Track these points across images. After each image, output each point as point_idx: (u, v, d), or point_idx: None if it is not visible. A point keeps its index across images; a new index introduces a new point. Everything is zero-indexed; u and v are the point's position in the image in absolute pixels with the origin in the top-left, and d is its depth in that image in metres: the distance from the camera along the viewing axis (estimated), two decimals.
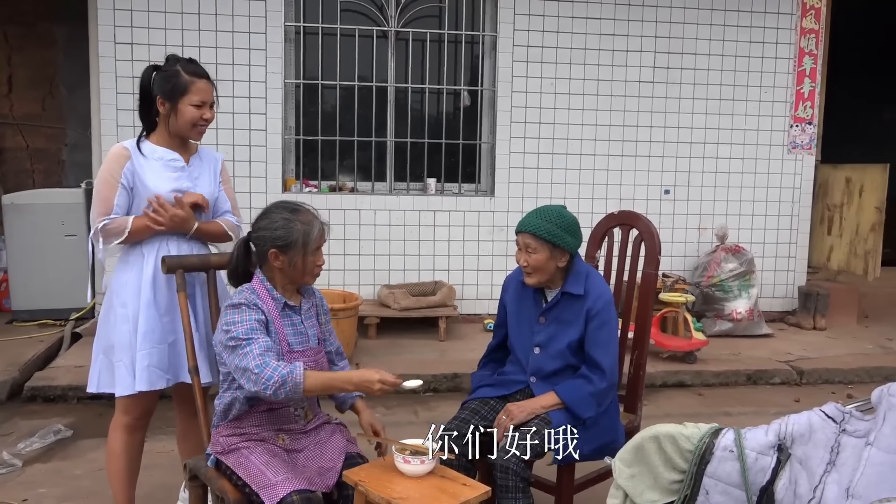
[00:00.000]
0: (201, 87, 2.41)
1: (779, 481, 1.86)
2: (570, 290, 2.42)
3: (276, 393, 1.98)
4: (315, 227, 2.14)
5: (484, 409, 2.51)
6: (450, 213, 5.61)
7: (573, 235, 2.41)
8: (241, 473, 2.06)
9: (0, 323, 5.35)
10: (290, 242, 2.11)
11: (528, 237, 2.39)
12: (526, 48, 5.57)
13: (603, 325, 2.40)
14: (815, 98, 6.00)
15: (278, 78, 5.28)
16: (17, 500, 2.99)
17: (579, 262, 2.47)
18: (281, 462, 2.08)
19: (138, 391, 2.41)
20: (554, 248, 2.38)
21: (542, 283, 2.46)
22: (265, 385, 1.98)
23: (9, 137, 6.31)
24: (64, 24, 6.22)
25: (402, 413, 4.17)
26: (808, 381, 4.91)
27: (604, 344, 2.39)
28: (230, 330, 2.06)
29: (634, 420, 2.71)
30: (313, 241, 2.13)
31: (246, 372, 2.01)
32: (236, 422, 2.18)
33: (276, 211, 2.16)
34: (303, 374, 2.00)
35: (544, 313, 2.49)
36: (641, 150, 5.83)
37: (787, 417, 1.91)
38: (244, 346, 2.03)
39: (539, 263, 2.39)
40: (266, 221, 2.15)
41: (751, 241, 6.01)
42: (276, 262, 2.14)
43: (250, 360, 2.00)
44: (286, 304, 2.20)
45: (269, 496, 1.94)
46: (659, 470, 1.96)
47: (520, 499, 2.19)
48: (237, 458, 2.11)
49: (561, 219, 2.40)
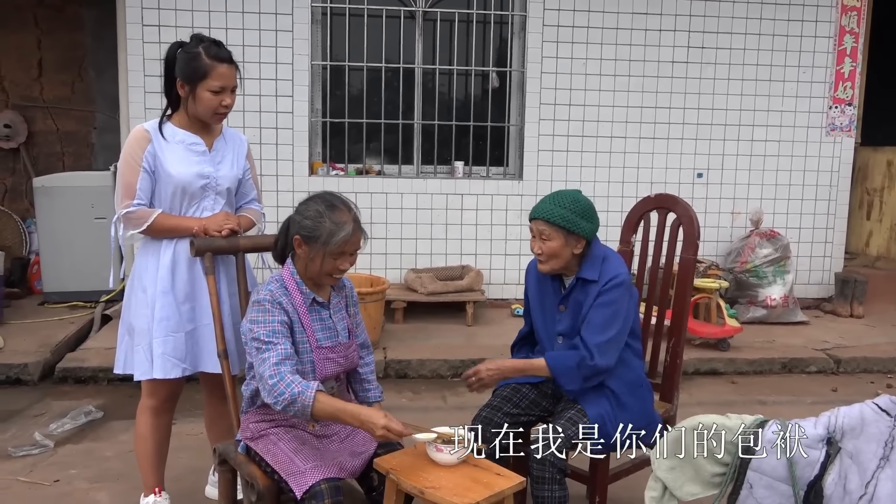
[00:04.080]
0: (222, 72, 2.34)
1: (828, 476, 1.78)
2: (584, 275, 2.33)
3: (286, 409, 1.95)
4: (343, 231, 2.03)
5: (516, 398, 2.46)
6: (477, 196, 5.53)
7: (589, 220, 2.31)
8: (270, 460, 2.04)
9: (32, 305, 5.41)
10: (315, 236, 2.05)
11: (542, 224, 2.30)
12: (556, 28, 5.45)
13: (602, 306, 2.27)
14: (856, 78, 5.80)
15: (305, 60, 5.23)
16: (49, 481, 3.01)
17: (597, 247, 2.37)
18: (310, 449, 2.05)
19: (154, 378, 2.40)
20: (569, 235, 2.28)
21: (558, 271, 2.38)
22: (276, 399, 1.94)
23: (39, 121, 6.35)
24: (92, 6, 6.22)
25: (431, 398, 4.13)
26: (846, 370, 4.78)
27: (597, 325, 2.26)
28: (253, 329, 2.02)
29: (671, 409, 2.64)
30: (335, 244, 2.03)
31: (262, 379, 1.98)
32: (265, 408, 2.15)
33: (315, 201, 2.10)
34: (312, 399, 1.92)
35: (563, 301, 2.41)
36: (674, 132, 5.69)
37: (838, 410, 1.83)
38: (264, 350, 1.99)
39: (553, 251, 2.30)
40: (303, 207, 2.11)
41: (786, 225, 5.85)
42: (299, 249, 2.09)
43: (267, 368, 1.96)
44: (314, 300, 2.15)
45: (298, 484, 1.92)
46: (700, 462, 1.90)
47: (556, 490, 2.14)
48: (266, 444, 2.09)
49: (575, 203, 2.30)
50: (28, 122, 6.29)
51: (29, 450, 3.28)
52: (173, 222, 2.40)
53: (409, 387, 4.26)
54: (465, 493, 1.85)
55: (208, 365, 2.44)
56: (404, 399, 4.05)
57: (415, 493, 1.91)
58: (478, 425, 2.33)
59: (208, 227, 2.37)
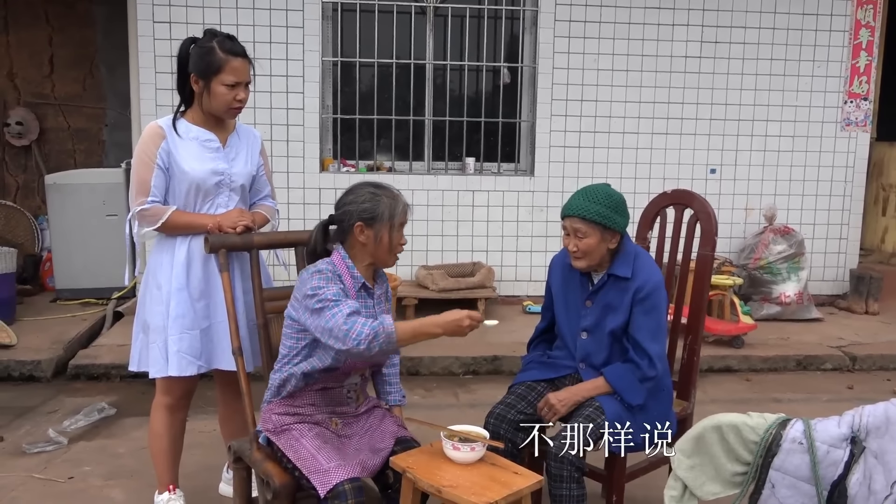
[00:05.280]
0: (236, 67, 2.33)
1: (852, 476, 1.75)
2: (617, 272, 2.32)
3: (370, 347, 1.93)
4: (400, 202, 2.13)
5: (531, 395, 2.43)
6: (489, 193, 5.50)
7: (622, 215, 2.31)
8: (292, 456, 2.02)
9: (44, 301, 5.43)
10: (377, 215, 2.07)
11: (577, 221, 2.28)
12: (568, 23, 5.41)
13: (651, 310, 2.30)
14: (872, 73, 5.73)
15: (315, 56, 5.21)
16: (63, 478, 3.01)
17: (628, 243, 2.37)
18: (333, 448, 2.03)
19: (169, 375, 2.39)
20: (605, 231, 2.28)
21: (592, 267, 2.37)
22: (357, 340, 1.92)
23: (50, 118, 6.37)
24: (103, 3, 6.23)
25: (443, 395, 4.11)
26: (861, 368, 4.73)
27: (651, 330, 2.29)
28: (316, 293, 2.00)
29: (688, 408, 2.61)
30: (399, 214, 2.11)
31: (333, 332, 1.96)
32: (290, 399, 2.13)
33: (362, 187, 2.14)
34: (393, 325, 1.95)
35: (590, 296, 2.39)
36: (687, 127, 5.64)
37: (861, 408, 1.80)
38: (331, 307, 1.98)
39: (590, 247, 2.29)
40: (352, 196, 2.12)
41: (800, 222, 5.79)
42: (362, 236, 2.09)
43: (339, 320, 1.95)
44: (364, 286, 2.15)
45: (322, 483, 1.91)
46: (721, 461, 1.87)
47: (574, 489, 2.12)
48: (288, 439, 2.07)
49: (609, 199, 2.29)
50: (40, 120, 6.31)
51: (43, 446, 3.28)
52: (188, 219, 2.39)
53: (421, 384, 4.24)
54: (482, 492, 1.83)
55: (223, 362, 2.43)
56: (416, 396, 4.04)
57: (432, 492, 1.89)
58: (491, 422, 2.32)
59: (223, 223, 2.35)
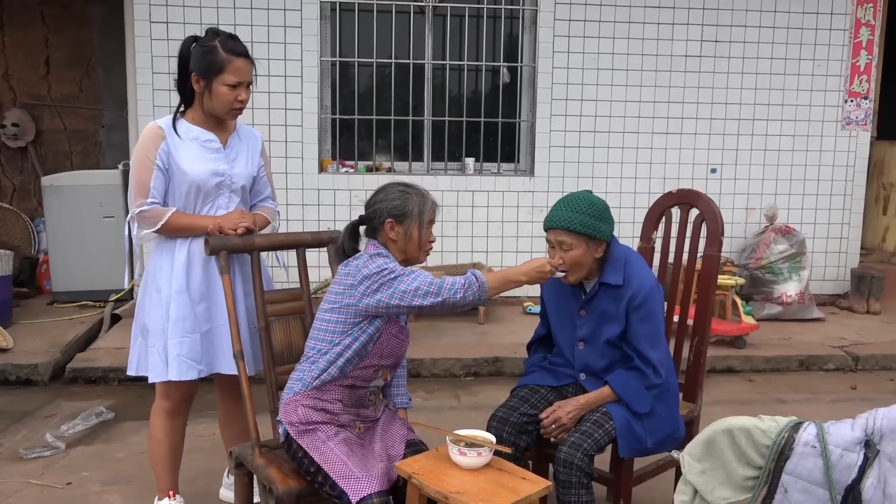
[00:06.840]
0: (238, 67, 2.30)
1: (866, 480, 1.72)
2: (608, 280, 2.26)
3: (465, 295, 2.00)
4: (428, 201, 2.17)
5: (534, 398, 2.40)
6: (488, 193, 5.48)
7: (607, 222, 2.25)
8: (317, 458, 1.98)
9: (41, 304, 5.38)
10: (407, 212, 2.11)
11: (561, 233, 2.21)
12: (567, 22, 5.38)
13: (648, 317, 2.25)
14: (872, 71, 5.72)
15: (314, 56, 5.17)
16: (61, 484, 2.97)
17: (616, 249, 2.30)
18: (358, 457, 2.01)
19: (169, 380, 2.35)
20: (590, 241, 2.22)
21: (583, 278, 2.32)
22: (452, 290, 2.00)
23: (47, 119, 6.32)
24: (100, 3, 6.18)
25: (444, 398, 4.08)
26: (864, 368, 4.71)
27: (650, 337, 2.24)
28: (383, 269, 2.03)
29: (694, 410, 2.58)
30: (428, 211, 2.15)
31: (421, 289, 2.00)
32: (319, 392, 2.08)
33: (391, 186, 2.19)
34: (484, 275, 2.04)
35: (584, 306, 2.34)
36: (687, 127, 5.62)
37: (875, 411, 1.77)
38: (408, 273, 2.04)
39: (576, 259, 2.22)
40: (382, 195, 2.17)
41: (801, 221, 5.77)
42: (392, 232, 2.12)
43: (426, 278, 2.02)
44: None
45: (353, 490, 1.88)
46: (732, 465, 1.84)
47: (582, 495, 2.08)
48: (314, 441, 2.03)
49: (592, 207, 2.22)
50: (36, 121, 6.26)
51: (41, 451, 3.24)
52: (188, 221, 2.35)
53: (422, 386, 4.21)
54: (490, 498, 1.79)
55: (224, 366, 2.40)
56: (418, 398, 4.00)
57: (438, 498, 1.86)
58: (493, 425, 2.29)
59: (223, 225, 2.32)
